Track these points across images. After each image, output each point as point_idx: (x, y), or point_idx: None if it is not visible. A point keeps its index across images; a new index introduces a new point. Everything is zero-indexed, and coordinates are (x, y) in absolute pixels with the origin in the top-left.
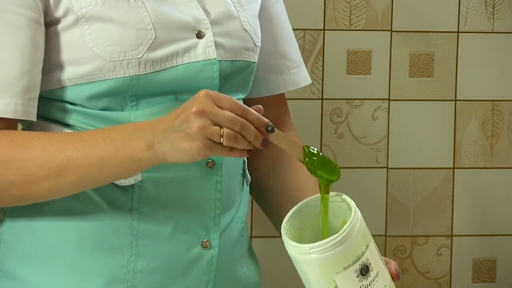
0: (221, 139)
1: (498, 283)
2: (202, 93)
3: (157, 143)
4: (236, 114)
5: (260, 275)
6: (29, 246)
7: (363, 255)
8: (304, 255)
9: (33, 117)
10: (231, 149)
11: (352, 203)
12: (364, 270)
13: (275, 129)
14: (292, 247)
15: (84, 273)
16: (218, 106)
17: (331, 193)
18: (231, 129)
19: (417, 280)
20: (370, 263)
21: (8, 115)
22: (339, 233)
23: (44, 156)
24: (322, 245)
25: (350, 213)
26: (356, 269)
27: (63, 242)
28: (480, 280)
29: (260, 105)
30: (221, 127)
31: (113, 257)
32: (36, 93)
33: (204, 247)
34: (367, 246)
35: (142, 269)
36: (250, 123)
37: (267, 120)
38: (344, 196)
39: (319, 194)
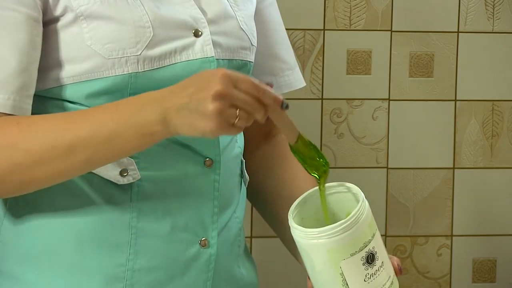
0: (235, 120)
1: (498, 283)
2: (220, 72)
3: (169, 119)
4: (253, 95)
5: (257, 276)
6: (28, 246)
7: (369, 242)
8: (312, 240)
9: (28, 115)
10: (240, 128)
11: (360, 192)
12: (370, 258)
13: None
14: (300, 232)
15: (82, 271)
16: (236, 87)
17: (336, 183)
18: (246, 111)
19: (417, 280)
20: (376, 252)
21: (6, 110)
22: (347, 218)
23: (52, 137)
24: (330, 230)
25: (355, 205)
26: (362, 256)
27: (61, 241)
28: (480, 280)
29: (271, 82)
30: (236, 108)
31: (111, 255)
32: (32, 91)
33: (203, 246)
34: (374, 235)
35: (140, 268)
36: (266, 101)
37: (281, 97)
38: (351, 185)
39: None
